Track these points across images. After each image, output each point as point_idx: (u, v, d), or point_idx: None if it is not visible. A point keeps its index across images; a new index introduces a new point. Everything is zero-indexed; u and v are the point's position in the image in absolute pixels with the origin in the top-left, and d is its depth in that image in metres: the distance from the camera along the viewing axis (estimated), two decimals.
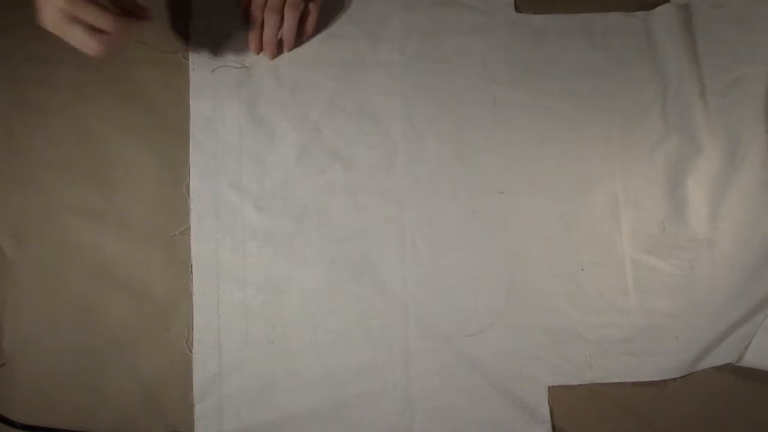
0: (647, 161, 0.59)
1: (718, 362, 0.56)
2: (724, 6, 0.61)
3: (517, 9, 0.61)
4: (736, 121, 0.59)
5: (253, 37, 0.58)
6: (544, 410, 0.55)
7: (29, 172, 0.57)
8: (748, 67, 0.60)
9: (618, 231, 0.58)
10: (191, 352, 0.55)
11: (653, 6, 0.61)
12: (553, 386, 0.56)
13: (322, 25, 0.59)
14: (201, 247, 0.56)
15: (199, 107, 0.58)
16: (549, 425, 0.55)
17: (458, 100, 0.59)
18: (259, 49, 0.59)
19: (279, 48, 0.59)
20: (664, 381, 0.56)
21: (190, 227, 0.56)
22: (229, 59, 0.59)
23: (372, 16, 0.60)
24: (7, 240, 0.56)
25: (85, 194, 0.57)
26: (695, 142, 0.58)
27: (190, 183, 0.57)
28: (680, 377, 0.56)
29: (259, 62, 0.59)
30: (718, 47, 0.60)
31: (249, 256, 0.56)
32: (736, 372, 0.56)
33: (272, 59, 0.59)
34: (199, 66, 0.58)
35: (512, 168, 0.58)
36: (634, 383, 0.56)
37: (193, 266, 0.56)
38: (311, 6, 0.58)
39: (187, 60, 0.59)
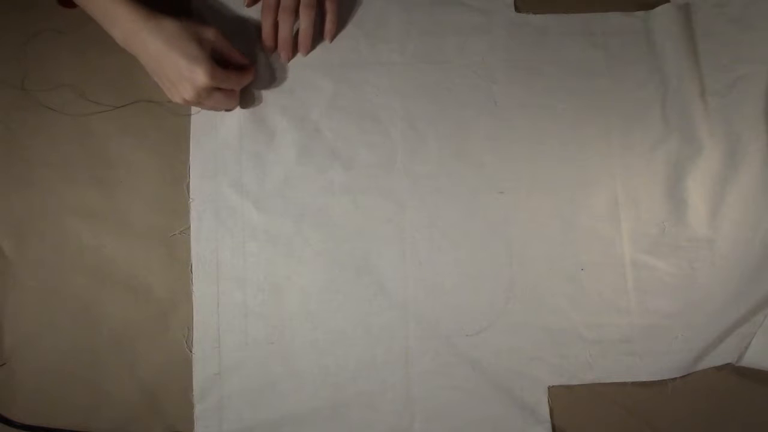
0: (647, 161, 0.59)
1: (718, 362, 0.56)
2: (724, 6, 0.61)
3: (517, 9, 0.61)
4: (736, 121, 0.59)
5: (266, 37, 0.58)
6: (544, 410, 0.55)
7: (29, 172, 0.57)
8: (748, 67, 0.60)
9: (618, 231, 0.58)
10: (191, 352, 0.55)
11: (653, 6, 0.61)
12: (553, 386, 0.56)
13: (320, 25, 0.59)
14: (201, 247, 0.56)
15: None
16: (549, 425, 0.55)
17: (458, 100, 0.59)
18: (274, 50, 0.59)
19: (295, 49, 0.59)
20: (664, 381, 0.56)
21: (190, 227, 0.57)
22: None
23: (372, 16, 0.60)
24: (7, 240, 0.56)
25: (85, 194, 0.57)
26: (695, 142, 0.58)
27: (190, 183, 0.57)
28: (680, 377, 0.56)
29: (258, 62, 0.59)
30: (718, 47, 0.60)
31: (249, 256, 0.56)
32: (736, 372, 0.56)
33: (288, 62, 0.59)
34: None
35: (512, 168, 0.58)
36: (634, 383, 0.56)
37: (193, 266, 0.56)
38: (328, 5, 0.58)
39: None
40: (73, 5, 0.55)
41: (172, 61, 0.51)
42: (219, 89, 0.54)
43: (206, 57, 0.52)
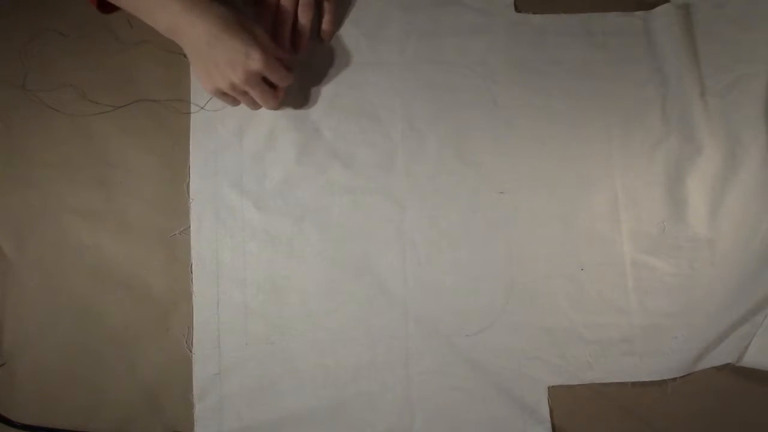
0: (647, 161, 0.59)
1: (718, 362, 0.56)
2: (724, 6, 0.61)
3: (517, 9, 0.61)
4: (736, 121, 0.59)
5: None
6: (544, 410, 0.55)
7: (29, 172, 0.57)
8: (748, 67, 0.60)
9: (618, 231, 0.58)
10: (191, 352, 0.55)
11: (653, 6, 0.61)
12: (553, 386, 0.56)
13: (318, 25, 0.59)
14: (201, 247, 0.56)
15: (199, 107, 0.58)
16: (549, 425, 0.55)
17: (458, 100, 0.59)
18: None
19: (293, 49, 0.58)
20: (664, 381, 0.56)
21: (190, 227, 0.57)
22: None
23: (372, 16, 0.60)
24: (7, 240, 0.56)
25: (85, 194, 0.57)
26: (695, 142, 0.58)
27: (190, 183, 0.57)
28: (680, 377, 0.56)
29: None
30: (718, 47, 0.60)
31: (249, 256, 0.56)
32: (736, 372, 0.56)
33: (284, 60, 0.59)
34: None
35: (512, 168, 0.58)
36: (634, 383, 0.56)
37: (193, 266, 0.56)
38: (326, 5, 0.58)
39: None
40: (114, 9, 0.54)
41: (224, 43, 0.50)
42: (263, 82, 0.53)
43: (258, 42, 0.51)
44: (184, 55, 0.58)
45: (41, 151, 0.57)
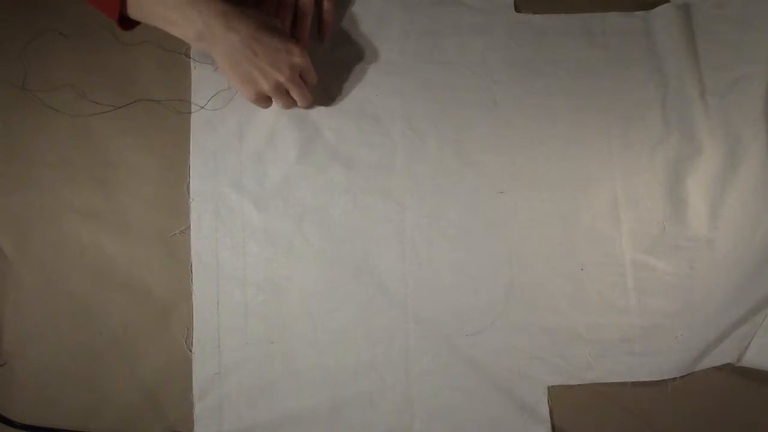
0: (647, 161, 0.59)
1: (718, 362, 0.56)
2: (724, 6, 0.61)
3: (517, 9, 0.61)
4: (736, 121, 0.59)
5: None
6: (544, 410, 0.55)
7: (29, 171, 0.57)
8: (748, 67, 0.60)
9: (618, 231, 0.58)
10: (191, 351, 0.55)
11: (653, 6, 0.61)
12: (553, 386, 0.56)
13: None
14: (201, 247, 0.56)
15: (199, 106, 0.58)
16: (549, 425, 0.55)
17: (458, 100, 0.59)
18: None
19: None
20: (664, 381, 0.56)
21: (190, 227, 0.57)
22: None
23: (372, 16, 0.60)
24: (7, 240, 0.56)
25: (85, 194, 0.57)
26: (695, 142, 0.58)
27: (190, 183, 0.57)
28: (680, 377, 0.56)
29: None
30: (718, 47, 0.60)
31: (249, 256, 0.56)
32: (736, 372, 0.56)
33: None
34: (201, 64, 0.58)
35: (512, 168, 0.58)
36: (634, 383, 0.56)
37: (193, 266, 0.56)
38: (325, 4, 0.58)
39: (189, 58, 0.59)
40: (135, 24, 0.52)
41: (265, 44, 0.50)
42: (301, 85, 0.54)
43: (290, 37, 0.52)
44: (185, 55, 0.59)
45: (41, 151, 0.57)
